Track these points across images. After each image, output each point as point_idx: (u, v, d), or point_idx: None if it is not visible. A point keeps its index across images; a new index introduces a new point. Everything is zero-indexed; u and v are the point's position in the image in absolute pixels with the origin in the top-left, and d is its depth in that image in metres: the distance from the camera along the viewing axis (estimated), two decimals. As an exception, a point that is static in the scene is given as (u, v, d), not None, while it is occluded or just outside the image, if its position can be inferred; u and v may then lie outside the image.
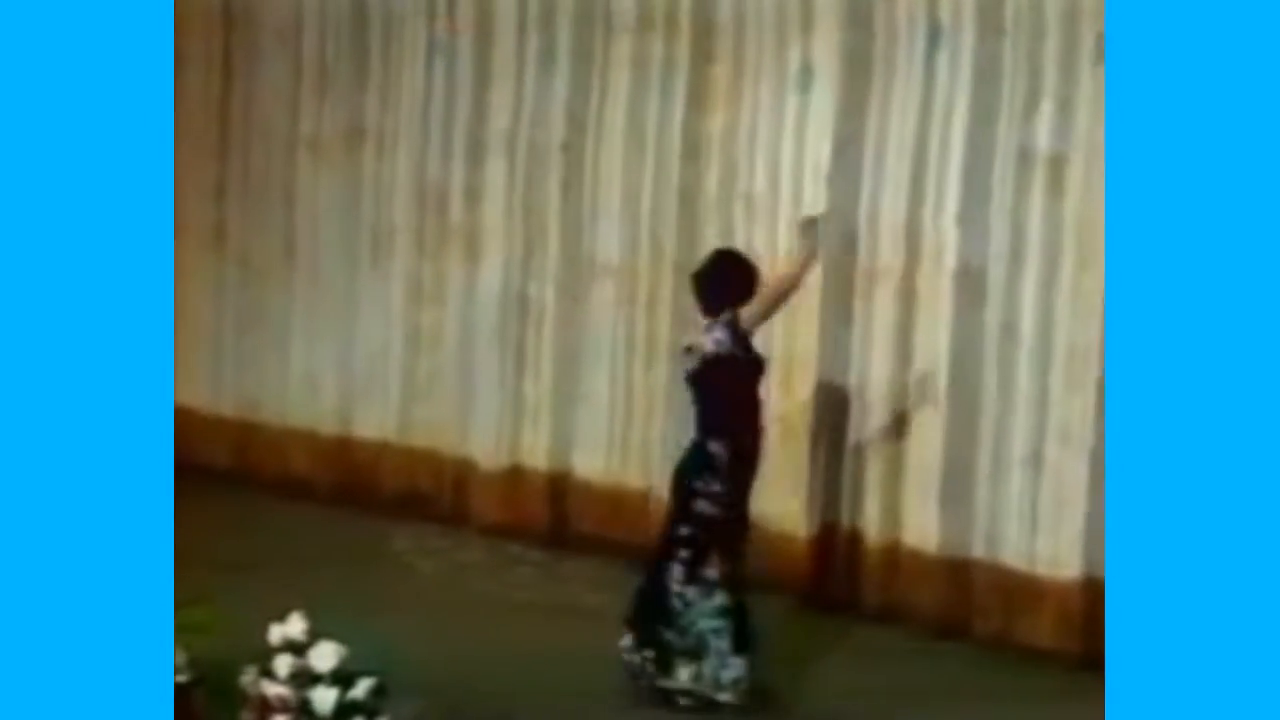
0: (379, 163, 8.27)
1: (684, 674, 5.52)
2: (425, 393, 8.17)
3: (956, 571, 6.59)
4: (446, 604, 6.65)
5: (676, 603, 5.42)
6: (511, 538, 7.66)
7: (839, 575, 6.89)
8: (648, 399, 7.46)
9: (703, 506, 5.42)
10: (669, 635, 5.47)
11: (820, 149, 6.90)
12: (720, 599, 5.43)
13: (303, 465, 8.54)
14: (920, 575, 6.64)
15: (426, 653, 5.69)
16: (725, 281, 5.54)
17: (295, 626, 5.02)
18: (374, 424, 8.34)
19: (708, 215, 7.29)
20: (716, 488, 5.42)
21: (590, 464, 7.61)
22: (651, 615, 5.47)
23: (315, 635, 4.92)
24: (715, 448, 5.44)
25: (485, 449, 7.87)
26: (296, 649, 4.84)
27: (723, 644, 5.44)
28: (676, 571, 5.44)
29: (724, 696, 5.51)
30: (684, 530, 5.45)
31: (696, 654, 5.47)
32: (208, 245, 8.79)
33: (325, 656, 4.85)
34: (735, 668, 5.49)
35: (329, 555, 7.27)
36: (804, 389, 6.95)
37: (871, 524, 6.81)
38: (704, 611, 5.43)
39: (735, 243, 7.10)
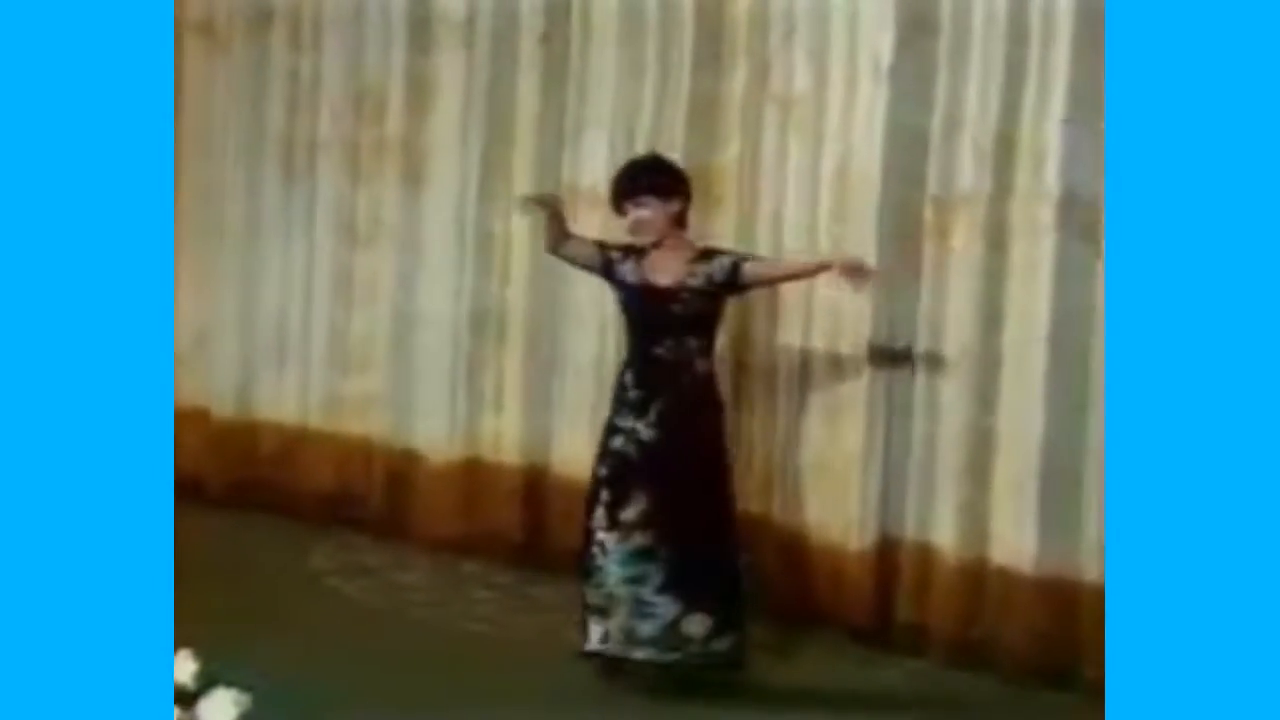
0: (294, 54, 8.21)
1: (594, 634, 6.07)
2: (355, 361, 8.14)
3: (1060, 599, 6.41)
4: (380, 639, 6.61)
5: (596, 552, 6.05)
6: (467, 553, 7.63)
7: (904, 602, 6.73)
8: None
9: (618, 443, 6.08)
10: (586, 590, 6.08)
11: (880, 34, 6.66)
12: (639, 540, 5.98)
13: (189, 456, 8.36)
14: (1012, 603, 6.48)
15: (352, 702, 5.77)
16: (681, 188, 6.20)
17: (183, 669, 4.93)
18: (286, 402, 8.35)
19: (730, 126, 7.11)
20: (630, 423, 6.08)
21: (574, 457, 7.36)
22: (581, 573, 6.13)
23: (209, 680, 4.81)
24: (627, 377, 6.14)
25: (433, 436, 7.82)
26: (185, 698, 4.78)
27: (643, 590, 5.98)
28: (598, 517, 6.07)
29: (641, 654, 6.01)
30: (602, 470, 6.12)
31: (606, 610, 6.03)
32: None
33: (221, 708, 4.79)
34: (660, 616, 5.97)
35: (226, 575, 7.24)
36: (854, 357, 6.78)
37: (947, 535, 6.62)
38: (619, 558, 6.00)
39: (765, 160, 7.00)
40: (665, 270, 6.05)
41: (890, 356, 6.36)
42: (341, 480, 8.10)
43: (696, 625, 6.02)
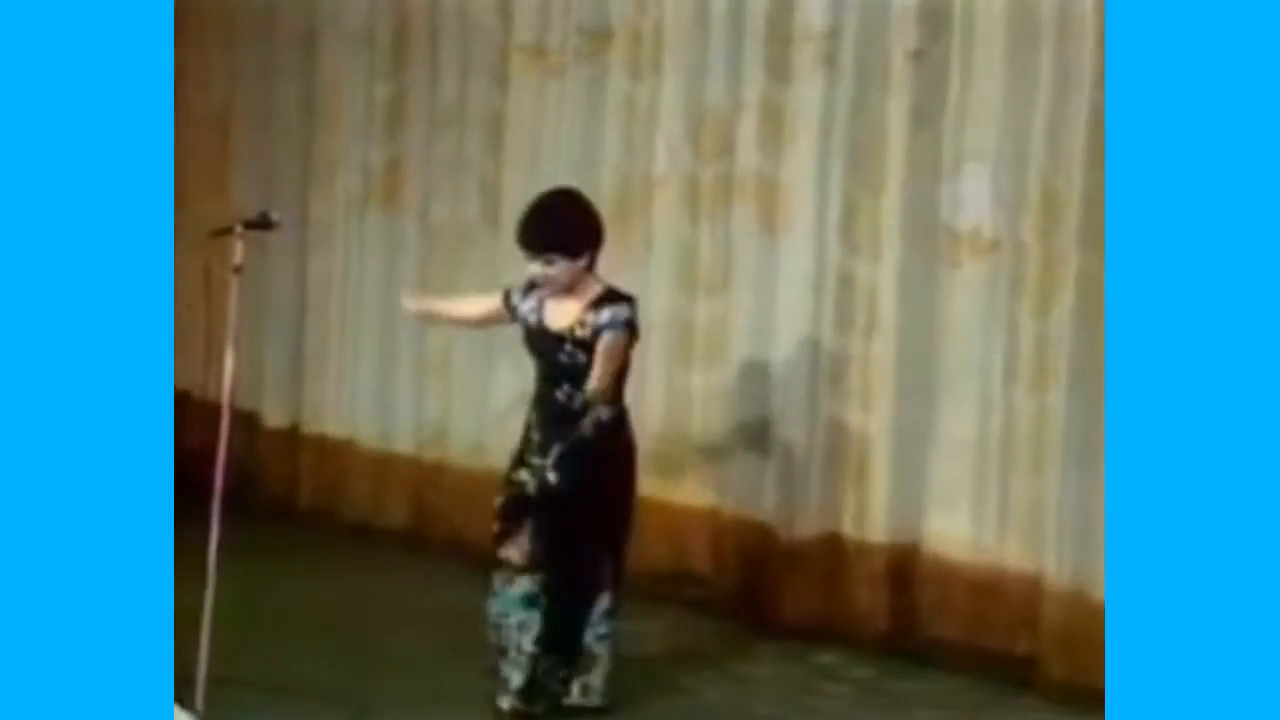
0: (632, 80, 8.21)
1: (515, 679, 6.27)
2: (700, 424, 8.07)
3: None
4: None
5: (495, 598, 6.31)
6: (824, 640, 7.47)
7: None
8: (1037, 441, 7.06)
9: (521, 475, 6.32)
10: (495, 639, 6.33)
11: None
12: (525, 586, 6.23)
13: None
14: None
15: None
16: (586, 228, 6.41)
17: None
18: None
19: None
20: (536, 460, 6.30)
21: (948, 532, 7.33)
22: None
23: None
24: (532, 417, 6.41)
25: (787, 509, 7.68)
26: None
27: (524, 640, 6.25)
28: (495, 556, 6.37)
29: (505, 703, 6.27)
30: (498, 501, 6.38)
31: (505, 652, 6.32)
32: (373, 194, 9.03)
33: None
34: (528, 667, 6.25)
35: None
36: None
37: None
38: (509, 600, 6.26)
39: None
40: (560, 315, 6.27)
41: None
42: (680, 556, 8.04)
43: (553, 675, 6.30)
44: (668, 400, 8.10)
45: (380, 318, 8.85)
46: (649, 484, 8.01)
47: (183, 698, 5.65)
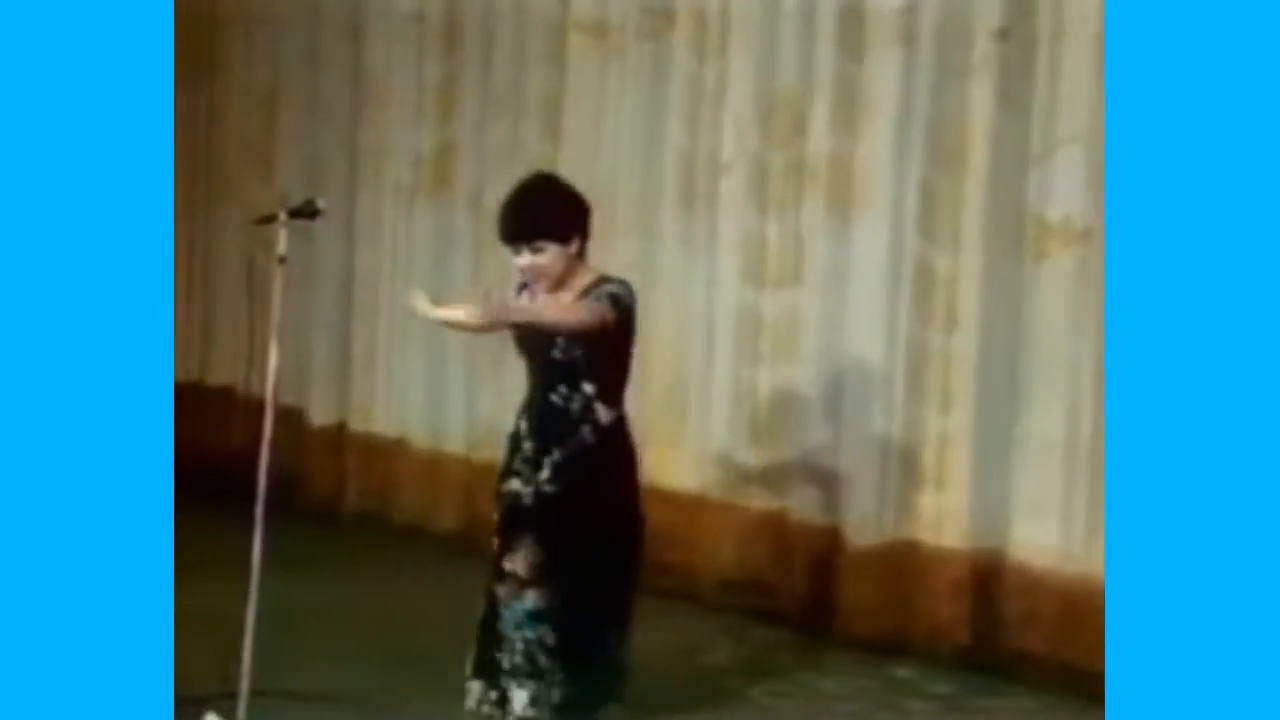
0: (698, 59, 8.08)
1: (519, 698, 5.94)
2: (767, 423, 7.91)
3: None
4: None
5: (504, 611, 5.99)
6: (899, 653, 7.33)
7: None
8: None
9: (514, 485, 6.00)
10: (499, 656, 5.99)
11: None
12: (532, 600, 5.92)
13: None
14: None
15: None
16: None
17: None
18: (684, 469, 8.16)
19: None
20: (527, 474, 5.99)
21: (1034, 539, 7.12)
22: (484, 641, 6.04)
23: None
24: (521, 425, 6.08)
25: (859, 514, 7.51)
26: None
27: (552, 660, 5.95)
28: (493, 570, 6.04)
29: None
30: (495, 516, 6.10)
31: (530, 672, 5.97)
32: (423, 182, 9.01)
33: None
34: (561, 687, 5.98)
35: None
36: None
37: None
38: (518, 617, 5.94)
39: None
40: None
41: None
42: (749, 563, 7.86)
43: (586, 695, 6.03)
44: (734, 399, 7.93)
45: (431, 311, 8.74)
46: (714, 486, 8.02)
47: (224, 709, 5.59)
